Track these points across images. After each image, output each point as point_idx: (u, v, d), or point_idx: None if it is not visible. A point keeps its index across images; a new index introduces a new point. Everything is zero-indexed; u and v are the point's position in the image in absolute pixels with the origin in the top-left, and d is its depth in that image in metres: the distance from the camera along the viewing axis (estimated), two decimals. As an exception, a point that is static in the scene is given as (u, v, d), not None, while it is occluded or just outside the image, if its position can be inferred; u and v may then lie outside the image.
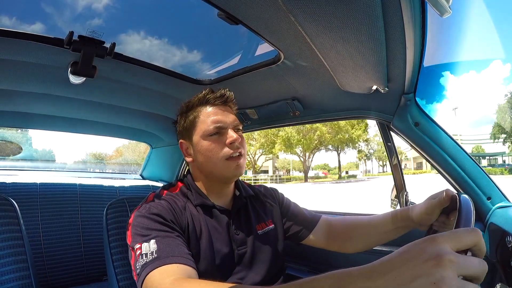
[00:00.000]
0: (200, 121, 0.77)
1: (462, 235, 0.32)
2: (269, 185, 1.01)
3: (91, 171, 2.17)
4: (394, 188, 1.23)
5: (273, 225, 0.85)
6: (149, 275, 0.56)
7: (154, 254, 0.58)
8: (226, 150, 0.74)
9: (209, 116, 0.76)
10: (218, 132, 0.75)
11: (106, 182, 1.63)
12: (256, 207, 0.86)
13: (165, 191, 0.78)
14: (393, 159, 1.21)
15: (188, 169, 0.85)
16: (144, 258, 0.58)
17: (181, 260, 0.58)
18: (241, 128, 0.81)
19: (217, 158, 0.74)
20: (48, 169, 2.06)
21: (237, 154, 0.75)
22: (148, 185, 1.77)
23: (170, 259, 0.58)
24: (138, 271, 0.58)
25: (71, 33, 0.80)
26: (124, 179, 1.86)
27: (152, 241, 0.60)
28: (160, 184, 1.85)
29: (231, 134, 0.74)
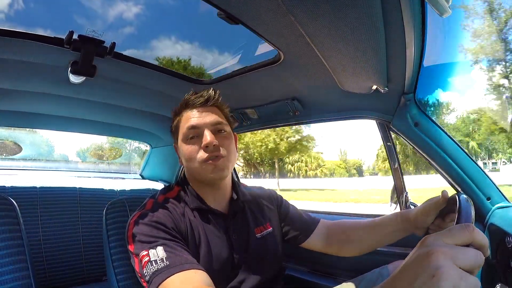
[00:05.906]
0: (181, 125, 0.76)
1: (455, 231, 0.32)
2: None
3: (91, 170, 2.17)
4: (394, 189, 1.23)
5: (271, 228, 0.84)
6: (167, 281, 0.55)
7: (165, 261, 0.58)
8: (201, 153, 0.72)
9: (187, 120, 0.75)
10: (196, 135, 0.73)
11: (107, 186, 1.62)
12: (254, 210, 0.85)
13: (163, 196, 0.77)
14: (393, 160, 1.21)
15: None
16: (154, 265, 0.58)
17: (196, 266, 0.59)
18: (226, 129, 0.76)
19: (194, 162, 0.73)
20: (49, 169, 2.05)
21: (214, 157, 0.72)
22: (149, 188, 1.76)
23: (185, 265, 0.57)
24: (147, 278, 0.58)
25: (71, 33, 0.79)
26: (124, 178, 1.86)
27: (159, 247, 0.60)
28: (160, 185, 1.85)
29: (206, 137, 0.71)
